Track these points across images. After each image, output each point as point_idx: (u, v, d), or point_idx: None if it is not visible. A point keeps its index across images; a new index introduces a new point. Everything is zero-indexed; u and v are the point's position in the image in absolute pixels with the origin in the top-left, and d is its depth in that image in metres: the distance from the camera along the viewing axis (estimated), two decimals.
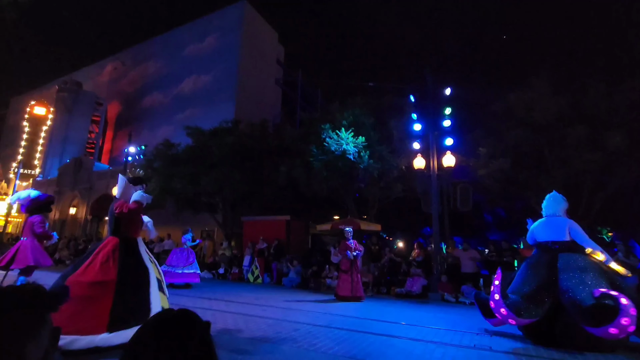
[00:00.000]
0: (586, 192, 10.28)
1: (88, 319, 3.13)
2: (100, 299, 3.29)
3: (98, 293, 3.31)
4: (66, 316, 2.94)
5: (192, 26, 30.44)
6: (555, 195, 5.02)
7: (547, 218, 4.89)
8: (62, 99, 34.11)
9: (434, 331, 4.78)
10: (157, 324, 0.80)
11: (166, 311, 0.84)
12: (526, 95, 10.55)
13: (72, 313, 3.04)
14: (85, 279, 3.36)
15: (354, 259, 7.75)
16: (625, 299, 3.60)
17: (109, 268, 3.49)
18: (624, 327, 3.53)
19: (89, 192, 24.46)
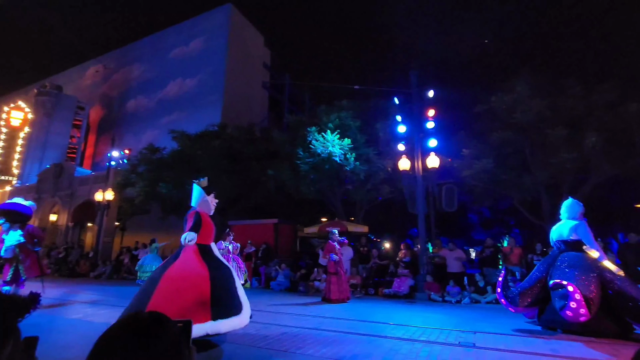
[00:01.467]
0: (565, 191, 10.58)
1: (194, 310, 3.32)
2: (201, 292, 3.48)
3: (198, 287, 3.51)
4: (175, 309, 3.22)
5: (177, 29, 30.13)
6: (569, 201, 5.48)
7: (561, 221, 5.40)
8: (41, 102, 33.18)
9: (420, 330, 4.84)
10: (125, 328, 0.76)
11: (136, 314, 0.81)
12: (508, 97, 10.81)
13: (179, 306, 3.30)
14: (184, 275, 3.59)
15: (339, 260, 7.78)
16: (572, 287, 4.33)
17: (200, 266, 3.74)
18: (575, 310, 4.23)
19: (71, 199, 23.80)
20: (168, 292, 3.41)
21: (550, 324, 4.88)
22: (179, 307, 3.29)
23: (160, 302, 3.32)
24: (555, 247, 5.34)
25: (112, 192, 16.60)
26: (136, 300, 3.54)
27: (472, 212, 19.68)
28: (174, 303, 3.32)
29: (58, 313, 5.71)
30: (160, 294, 3.40)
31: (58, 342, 3.93)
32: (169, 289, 3.44)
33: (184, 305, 3.34)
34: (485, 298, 8.06)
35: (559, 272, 4.83)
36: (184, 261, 3.77)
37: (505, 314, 6.46)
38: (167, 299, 3.36)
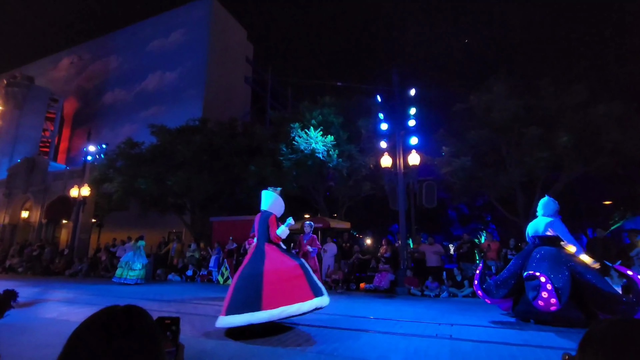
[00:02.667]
0: (539, 188, 11.02)
1: (301, 293, 4.13)
2: (299, 278, 4.23)
3: (296, 275, 4.24)
4: (286, 295, 4.03)
5: (157, 21, 29.27)
6: (545, 199, 5.72)
7: (537, 218, 5.63)
8: (11, 93, 31.64)
9: (399, 323, 4.96)
10: (98, 322, 0.73)
11: (110, 307, 0.77)
12: (485, 97, 11.13)
13: (289, 292, 4.07)
14: (282, 267, 4.24)
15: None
16: (544, 277, 4.60)
17: (287, 258, 4.40)
18: (546, 300, 4.50)
19: (44, 194, 22.88)
20: (276, 284, 4.09)
21: (524, 314, 5.11)
22: (289, 293, 4.06)
23: (272, 292, 4.01)
24: (531, 242, 5.59)
25: (88, 188, 16.08)
26: (245, 296, 4.04)
27: (451, 208, 20.18)
28: (284, 290, 4.07)
29: (31, 312, 5.53)
30: (269, 286, 4.06)
31: (31, 341, 3.82)
32: (275, 281, 4.11)
33: (293, 290, 4.11)
34: (462, 292, 8.33)
35: (533, 264, 5.08)
36: (274, 257, 4.37)
37: (481, 307, 6.70)
38: (278, 289, 4.06)
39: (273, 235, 4.50)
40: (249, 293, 4.03)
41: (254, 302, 3.94)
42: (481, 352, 3.58)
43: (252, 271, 4.22)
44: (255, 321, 3.88)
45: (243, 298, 4.03)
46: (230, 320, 3.93)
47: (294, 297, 4.05)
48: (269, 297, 3.95)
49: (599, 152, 10.48)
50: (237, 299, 4.05)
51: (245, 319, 3.86)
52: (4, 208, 23.86)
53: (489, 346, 3.81)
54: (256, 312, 3.88)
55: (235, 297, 4.09)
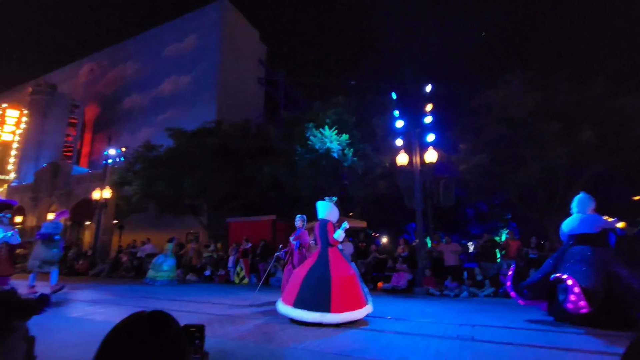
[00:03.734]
0: (561, 185, 10.66)
1: (360, 300, 4.67)
2: (357, 285, 4.79)
3: (355, 282, 4.79)
4: (349, 301, 4.54)
5: (171, 26, 29.84)
6: (580, 195, 5.57)
7: (572, 215, 5.48)
8: (36, 101, 32.87)
9: (418, 324, 4.88)
10: (126, 328, 0.78)
11: (137, 314, 0.82)
12: (503, 92, 10.85)
13: (352, 298, 4.60)
14: (347, 274, 4.77)
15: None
16: (571, 280, 4.51)
17: (347, 265, 4.94)
18: (575, 302, 4.40)
19: (68, 197, 23.70)
20: (343, 290, 4.57)
21: (559, 316, 4.99)
22: (351, 299, 4.58)
23: (341, 298, 4.50)
24: (566, 241, 5.42)
25: (109, 191, 16.54)
26: (315, 297, 4.51)
27: (468, 206, 19.78)
28: (348, 297, 4.56)
29: (58, 312, 5.71)
30: (337, 292, 4.53)
31: (59, 340, 3.94)
32: (342, 287, 4.60)
33: (355, 296, 4.63)
34: (483, 292, 8.14)
35: (564, 265, 4.95)
36: (336, 262, 4.86)
37: (503, 307, 6.54)
38: (345, 295, 4.54)
39: (331, 239, 5.02)
40: (318, 294, 4.52)
41: (324, 304, 4.43)
42: (505, 355, 3.48)
43: (322, 275, 4.72)
44: (325, 322, 4.37)
45: (313, 298, 4.53)
46: (301, 315, 4.49)
47: (356, 304, 4.60)
48: (338, 302, 4.47)
49: (624, 146, 10.07)
50: (307, 297, 4.56)
51: (316, 317, 4.39)
52: (31, 211, 24.84)
53: (513, 348, 3.70)
54: (327, 314, 4.39)
55: (305, 295, 4.59)
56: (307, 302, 4.52)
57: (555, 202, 10.96)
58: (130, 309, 4.11)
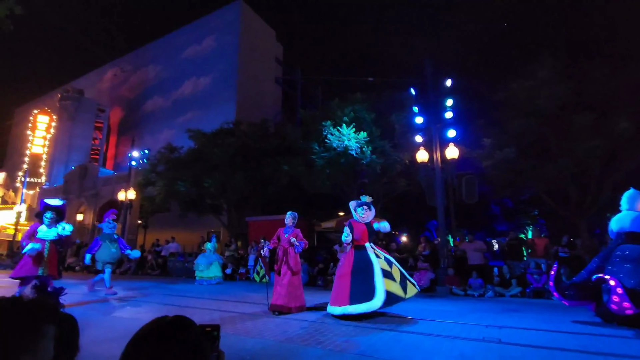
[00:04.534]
0: (594, 180, 10.15)
1: (338, 297, 4.93)
2: (343, 284, 5.02)
3: (343, 281, 5.05)
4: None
5: (190, 29, 30.45)
6: (629, 192, 5.33)
7: (622, 213, 5.24)
8: (64, 106, 34.36)
9: (442, 325, 4.74)
10: (150, 332, 0.83)
11: (160, 318, 0.86)
12: (528, 84, 10.41)
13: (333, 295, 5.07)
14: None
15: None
16: (614, 281, 4.38)
17: (348, 264, 5.16)
18: (619, 304, 4.30)
19: (95, 198, 24.65)
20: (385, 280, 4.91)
21: (606, 317, 4.80)
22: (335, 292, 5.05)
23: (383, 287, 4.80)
24: (614, 240, 5.19)
25: (134, 192, 17.05)
26: (360, 287, 4.82)
27: (493, 203, 19.19)
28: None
29: (89, 309, 5.91)
30: (381, 282, 4.83)
31: (90, 337, 4.06)
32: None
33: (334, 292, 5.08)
34: (509, 291, 7.86)
35: (611, 265, 4.79)
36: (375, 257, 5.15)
37: (531, 308, 6.28)
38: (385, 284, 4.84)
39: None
40: (363, 286, 4.82)
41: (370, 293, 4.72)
42: (534, 358, 3.31)
43: (369, 268, 5.01)
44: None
45: (361, 289, 4.82)
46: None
47: (336, 301, 4.95)
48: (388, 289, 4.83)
49: None
50: (358, 290, 4.83)
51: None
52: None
53: (543, 352, 3.52)
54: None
55: (356, 288, 4.87)
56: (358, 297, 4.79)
57: (587, 199, 10.44)
58: (156, 306, 4.21)
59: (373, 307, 4.68)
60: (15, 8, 8.88)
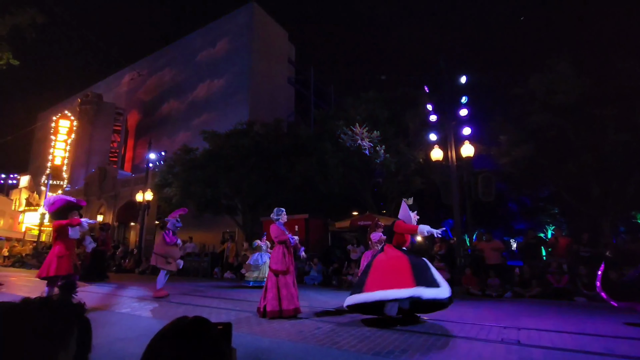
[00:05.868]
0: (617, 177, 9.78)
1: (397, 280, 4.58)
2: (400, 267, 4.72)
3: (398, 264, 4.76)
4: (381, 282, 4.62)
5: (203, 32, 30.88)
6: None
7: None
8: (84, 111, 35.41)
9: (459, 326, 4.67)
10: (170, 332, 0.85)
11: (180, 319, 0.89)
12: (547, 77, 10.11)
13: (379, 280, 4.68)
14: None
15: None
16: None
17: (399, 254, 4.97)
18: None
19: (115, 200, 25.33)
20: None
21: None
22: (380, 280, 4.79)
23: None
24: None
25: (151, 193, 17.44)
26: (423, 273, 4.66)
27: (511, 200, 18.74)
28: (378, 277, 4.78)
29: (109, 307, 6.08)
30: (439, 276, 4.82)
31: (109, 334, 4.18)
32: None
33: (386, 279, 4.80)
34: (529, 292, 7.67)
35: None
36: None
37: (552, 309, 6.11)
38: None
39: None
40: (423, 277, 4.64)
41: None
42: None
43: (422, 263, 4.93)
44: None
45: (423, 278, 4.66)
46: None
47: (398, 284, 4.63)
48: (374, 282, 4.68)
49: None
50: (422, 279, 4.66)
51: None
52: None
53: (565, 354, 3.42)
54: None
55: (421, 278, 4.68)
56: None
57: (610, 196, 10.06)
58: (173, 306, 4.28)
59: (441, 295, 4.50)
60: (38, 17, 9.21)
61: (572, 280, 7.54)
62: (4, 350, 0.81)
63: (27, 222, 29.89)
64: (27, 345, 0.83)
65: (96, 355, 0.95)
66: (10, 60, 9.32)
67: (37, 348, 0.83)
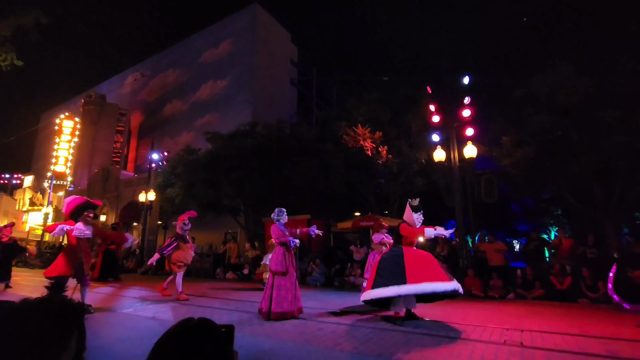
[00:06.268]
0: (620, 178, 9.74)
1: (429, 274, 4.73)
2: (428, 263, 4.89)
3: (424, 260, 4.92)
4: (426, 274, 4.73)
5: (207, 33, 30.98)
6: None
7: None
8: (88, 111, 35.57)
9: (461, 327, 4.66)
10: (177, 333, 0.86)
11: (186, 320, 0.90)
12: (549, 79, 10.08)
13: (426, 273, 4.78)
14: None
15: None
16: None
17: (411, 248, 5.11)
18: None
19: (117, 200, 25.41)
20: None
21: None
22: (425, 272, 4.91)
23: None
24: None
25: (154, 193, 17.50)
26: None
27: (513, 202, 18.68)
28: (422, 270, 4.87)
29: (112, 308, 6.10)
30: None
31: (112, 335, 4.21)
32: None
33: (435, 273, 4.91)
34: (531, 294, 7.64)
35: None
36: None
37: (555, 311, 6.08)
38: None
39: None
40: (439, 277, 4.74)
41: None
42: None
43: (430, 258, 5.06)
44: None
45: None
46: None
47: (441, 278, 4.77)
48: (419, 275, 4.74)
49: None
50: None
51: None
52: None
53: (568, 356, 3.42)
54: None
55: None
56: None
57: (614, 197, 10.01)
58: (176, 306, 4.30)
59: (454, 287, 4.72)
60: (42, 18, 9.27)
61: (576, 282, 7.50)
62: (5, 351, 0.82)
63: (30, 222, 30.03)
64: (28, 347, 0.83)
65: (98, 356, 0.96)
66: (15, 61, 9.38)
67: (39, 349, 0.84)
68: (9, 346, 0.82)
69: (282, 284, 5.04)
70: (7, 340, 0.83)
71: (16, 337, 0.83)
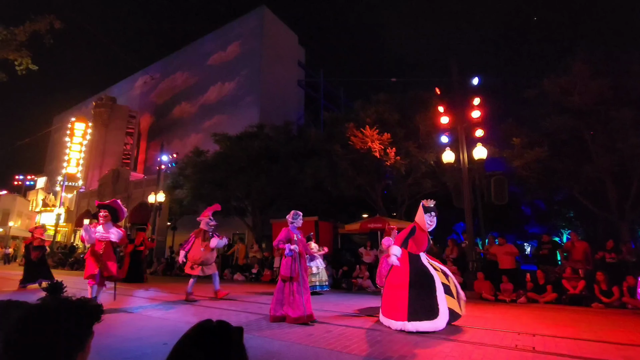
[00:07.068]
0: (636, 180, 9.51)
1: (394, 310, 4.54)
2: (399, 297, 4.55)
3: (399, 292, 4.59)
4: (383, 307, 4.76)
5: (215, 36, 31.27)
6: None
7: None
8: (98, 114, 36.15)
9: (472, 331, 4.58)
10: (197, 335, 0.88)
11: (206, 321, 0.92)
12: (562, 79, 9.91)
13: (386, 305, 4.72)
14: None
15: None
16: None
17: (403, 273, 4.67)
18: None
19: (127, 201, 25.70)
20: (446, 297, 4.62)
21: None
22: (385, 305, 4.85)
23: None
24: None
25: (163, 194, 17.66)
26: (421, 302, 4.47)
27: (524, 204, 18.39)
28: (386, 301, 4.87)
29: (120, 308, 6.15)
30: (443, 299, 4.58)
31: (119, 335, 4.23)
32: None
33: (390, 305, 4.73)
34: (543, 298, 7.49)
35: None
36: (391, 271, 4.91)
37: (568, 316, 5.95)
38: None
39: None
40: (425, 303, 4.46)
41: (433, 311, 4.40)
42: None
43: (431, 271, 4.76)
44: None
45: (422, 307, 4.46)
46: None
47: (394, 314, 4.58)
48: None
49: None
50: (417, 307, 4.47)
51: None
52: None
53: None
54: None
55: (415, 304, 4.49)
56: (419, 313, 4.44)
57: (629, 200, 9.78)
58: (185, 307, 4.31)
59: (437, 327, 4.35)
60: (55, 22, 9.45)
61: (589, 287, 7.33)
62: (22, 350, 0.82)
63: (43, 223, 30.59)
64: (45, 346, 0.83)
65: (108, 355, 0.96)
66: (30, 65, 9.57)
67: (55, 349, 0.84)
68: (26, 345, 0.83)
69: (294, 289, 4.99)
70: (24, 340, 0.84)
71: (33, 336, 0.84)
